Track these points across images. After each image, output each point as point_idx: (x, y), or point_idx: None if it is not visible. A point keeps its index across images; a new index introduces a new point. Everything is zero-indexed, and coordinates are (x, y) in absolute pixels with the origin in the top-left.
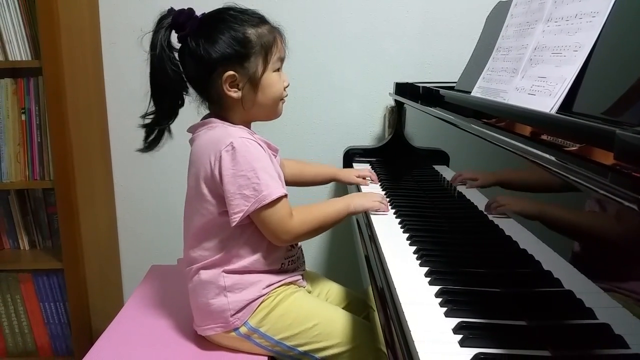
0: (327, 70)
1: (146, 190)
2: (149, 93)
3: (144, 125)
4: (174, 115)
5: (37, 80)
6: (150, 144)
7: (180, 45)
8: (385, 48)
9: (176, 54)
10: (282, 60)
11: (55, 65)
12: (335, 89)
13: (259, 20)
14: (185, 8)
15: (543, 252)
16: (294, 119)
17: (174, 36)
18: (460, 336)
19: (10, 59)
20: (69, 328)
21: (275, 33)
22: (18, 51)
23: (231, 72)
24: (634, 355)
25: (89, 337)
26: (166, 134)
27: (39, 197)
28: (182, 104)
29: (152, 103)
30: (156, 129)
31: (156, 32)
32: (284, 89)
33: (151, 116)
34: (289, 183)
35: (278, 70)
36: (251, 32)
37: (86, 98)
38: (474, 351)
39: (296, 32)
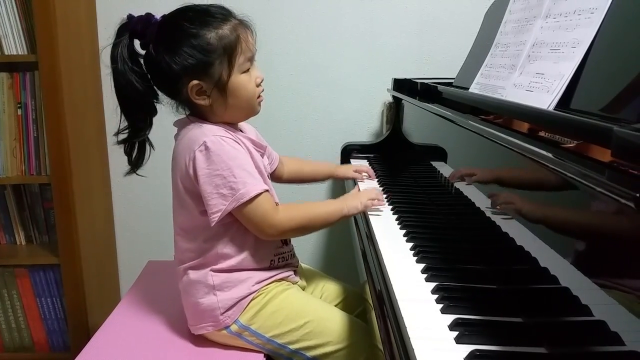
0: (324, 66)
1: (143, 185)
2: (118, 108)
3: (121, 142)
4: (149, 126)
5: (33, 75)
6: (137, 162)
7: (144, 52)
8: (384, 44)
9: (142, 61)
10: (250, 59)
11: (52, 60)
12: (333, 85)
13: (222, 18)
14: (143, 14)
15: (540, 249)
16: (291, 115)
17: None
18: (457, 333)
19: (6, 53)
20: (66, 323)
21: (239, 31)
22: (14, 45)
23: (196, 82)
24: (629, 353)
25: (86, 332)
26: (148, 147)
27: (35, 192)
28: (155, 113)
29: (123, 118)
30: (135, 143)
31: (116, 44)
32: (259, 85)
33: (125, 132)
34: (288, 181)
35: (248, 70)
36: (211, 37)
37: (83, 92)
38: (470, 348)
39: (294, 28)
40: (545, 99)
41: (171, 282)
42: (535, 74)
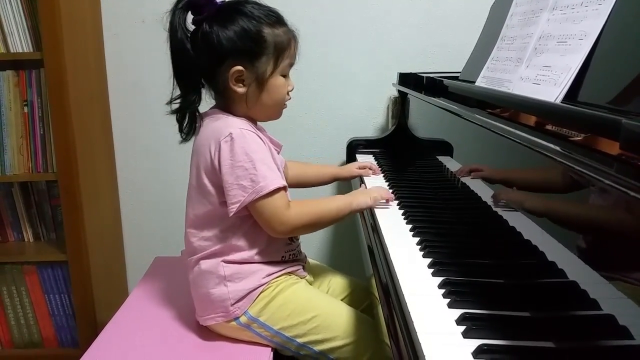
0: (330, 61)
1: (149, 182)
2: (172, 77)
3: (175, 111)
4: (200, 95)
5: (39, 72)
6: (189, 131)
7: (194, 27)
8: (389, 38)
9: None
10: (291, 65)
11: (57, 57)
12: (339, 80)
13: (277, 20)
14: None
15: (547, 243)
16: (297, 110)
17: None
18: (464, 327)
19: (11, 50)
20: (74, 319)
21: (290, 37)
22: (19, 43)
23: (239, 67)
24: (638, 347)
25: (94, 328)
26: (199, 118)
27: (42, 189)
28: (204, 85)
29: (175, 88)
30: (187, 113)
31: (174, 12)
32: (288, 93)
33: (178, 100)
34: (291, 185)
35: (285, 76)
36: (267, 32)
37: (88, 89)
38: (477, 342)
39: (299, 22)
40: (552, 91)
41: (178, 277)
42: (542, 67)
